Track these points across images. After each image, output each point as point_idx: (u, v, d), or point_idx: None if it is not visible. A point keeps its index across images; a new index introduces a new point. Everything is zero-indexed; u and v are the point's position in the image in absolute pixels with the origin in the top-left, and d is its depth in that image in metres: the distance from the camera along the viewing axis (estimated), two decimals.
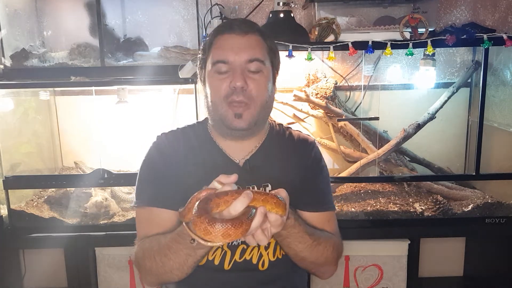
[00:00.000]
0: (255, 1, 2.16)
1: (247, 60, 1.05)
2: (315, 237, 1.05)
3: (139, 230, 1.14)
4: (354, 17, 2.09)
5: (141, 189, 1.14)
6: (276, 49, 1.14)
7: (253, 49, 1.06)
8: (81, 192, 2.00)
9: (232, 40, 1.06)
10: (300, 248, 1.03)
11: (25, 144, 2.14)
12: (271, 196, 0.85)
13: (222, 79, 1.06)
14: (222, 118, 1.08)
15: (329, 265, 1.13)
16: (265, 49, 1.10)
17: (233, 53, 1.05)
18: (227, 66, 1.05)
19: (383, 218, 1.93)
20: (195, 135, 1.19)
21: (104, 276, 2.05)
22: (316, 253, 1.06)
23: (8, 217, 1.91)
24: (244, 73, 1.05)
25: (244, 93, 1.05)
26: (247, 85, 1.04)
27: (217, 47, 1.07)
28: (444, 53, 2.23)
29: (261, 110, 1.09)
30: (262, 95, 1.08)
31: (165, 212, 1.10)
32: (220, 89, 1.06)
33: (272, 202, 0.84)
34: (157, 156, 1.14)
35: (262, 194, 0.84)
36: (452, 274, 2.44)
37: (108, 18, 2.13)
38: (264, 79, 1.08)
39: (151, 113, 2.18)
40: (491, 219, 1.90)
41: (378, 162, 2.05)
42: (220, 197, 0.83)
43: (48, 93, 2.15)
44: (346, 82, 2.25)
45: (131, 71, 1.94)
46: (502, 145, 2.10)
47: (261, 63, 1.07)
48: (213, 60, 1.07)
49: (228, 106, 1.06)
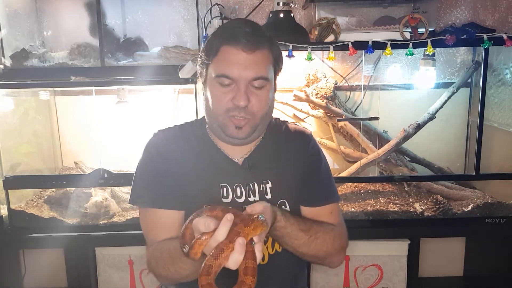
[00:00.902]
0: (255, 1, 2.16)
1: (252, 78, 1.03)
2: (312, 233, 1.05)
3: (147, 234, 1.14)
4: (354, 17, 2.09)
5: (141, 188, 1.14)
6: (280, 55, 1.12)
7: (259, 66, 1.03)
8: (81, 192, 2.00)
9: (238, 56, 1.02)
10: (297, 244, 1.04)
11: (25, 144, 2.14)
12: (257, 216, 0.85)
13: (225, 92, 1.04)
14: (222, 127, 1.08)
15: (332, 257, 1.12)
16: (270, 61, 1.07)
17: (239, 70, 1.02)
18: (230, 81, 1.03)
19: (383, 218, 1.93)
20: (194, 133, 1.18)
21: (104, 276, 2.05)
22: (314, 248, 1.06)
23: (8, 217, 1.91)
24: (247, 91, 1.03)
25: (245, 110, 1.04)
26: (249, 102, 1.04)
27: (222, 60, 1.04)
28: (444, 53, 2.23)
29: (261, 121, 1.09)
30: (263, 109, 1.07)
31: (170, 213, 1.10)
32: (222, 102, 1.05)
33: (259, 223, 0.84)
34: (155, 154, 1.13)
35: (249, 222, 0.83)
36: (452, 274, 2.44)
37: (108, 18, 2.13)
38: (266, 93, 1.07)
39: (151, 113, 2.18)
40: (491, 219, 1.90)
41: (378, 162, 2.05)
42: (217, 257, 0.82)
43: (48, 93, 2.16)
44: (346, 82, 2.25)
45: (131, 71, 1.94)
46: (502, 145, 2.10)
47: (265, 80, 1.05)
48: (217, 72, 1.04)
49: (229, 119, 1.05)
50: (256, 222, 0.84)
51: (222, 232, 0.81)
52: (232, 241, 0.81)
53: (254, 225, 0.84)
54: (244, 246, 0.80)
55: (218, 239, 0.81)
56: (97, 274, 2.06)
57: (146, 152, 1.15)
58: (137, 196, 1.14)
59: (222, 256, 0.81)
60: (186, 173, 1.12)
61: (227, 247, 0.81)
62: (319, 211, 1.15)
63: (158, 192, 1.11)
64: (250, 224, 0.83)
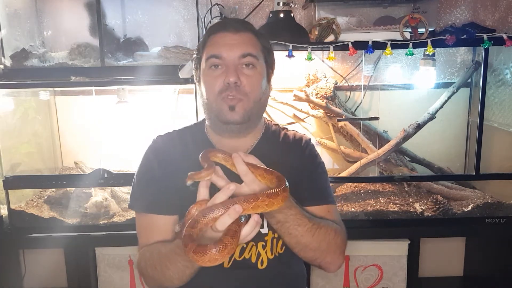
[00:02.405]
0: (255, 1, 2.16)
1: (240, 55, 1.07)
2: (315, 221, 1.05)
3: (140, 238, 1.17)
4: (354, 17, 2.09)
5: (139, 194, 1.16)
6: (270, 48, 1.16)
7: (246, 44, 1.09)
8: (81, 192, 2.00)
9: (225, 38, 1.08)
10: (300, 231, 1.02)
11: (25, 144, 2.14)
12: (262, 199, 0.84)
13: (216, 76, 1.08)
14: (217, 112, 1.10)
15: (333, 253, 1.09)
16: (259, 47, 1.12)
17: (226, 49, 1.07)
18: (220, 61, 1.08)
19: (383, 218, 1.93)
20: (192, 137, 1.20)
21: (104, 276, 2.05)
22: (317, 237, 1.04)
23: (8, 217, 1.91)
24: (237, 69, 1.07)
25: (237, 89, 1.07)
26: (240, 81, 1.07)
27: (211, 45, 1.10)
28: (444, 53, 2.23)
29: (254, 105, 1.10)
30: (255, 90, 1.10)
31: (164, 218, 1.12)
32: (214, 85, 1.08)
33: (263, 205, 0.84)
34: (153, 160, 1.16)
35: (251, 200, 0.83)
36: (452, 274, 2.44)
37: (108, 18, 2.13)
38: (258, 75, 1.10)
39: (151, 113, 2.18)
40: (491, 219, 1.90)
41: (378, 162, 2.05)
42: (206, 215, 0.83)
43: (48, 93, 2.16)
44: (346, 82, 2.25)
45: (131, 71, 1.94)
46: (502, 145, 2.10)
47: (254, 58, 1.09)
48: (207, 55, 1.10)
49: (222, 100, 1.08)
50: (270, 200, 0.85)
51: (220, 197, 0.84)
52: (226, 207, 0.82)
53: (268, 203, 0.85)
54: (238, 213, 0.81)
55: (216, 201, 0.84)
56: (97, 274, 2.05)
57: (144, 158, 1.18)
58: (134, 200, 1.17)
59: (211, 216, 0.82)
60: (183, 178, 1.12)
61: (218, 209, 0.82)
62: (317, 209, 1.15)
63: (153, 198, 1.13)
64: (262, 202, 0.84)
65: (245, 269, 1.12)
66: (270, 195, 0.85)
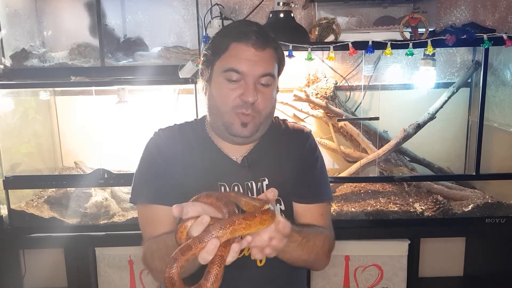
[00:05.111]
0: (255, 1, 2.16)
1: (261, 74, 1.06)
2: (304, 234, 1.04)
3: (144, 230, 1.15)
4: (354, 17, 2.09)
5: (141, 185, 1.15)
6: (283, 56, 1.15)
7: (267, 63, 1.07)
8: (81, 192, 2.00)
9: (248, 52, 1.05)
10: (292, 247, 1.01)
11: (25, 144, 2.14)
12: (238, 222, 0.81)
13: (232, 88, 1.06)
14: (227, 125, 1.09)
15: (321, 260, 1.12)
16: (276, 60, 1.10)
17: (248, 65, 1.04)
18: (240, 76, 1.05)
19: (383, 218, 1.93)
20: (193, 132, 1.19)
21: (104, 276, 2.05)
22: (307, 250, 1.04)
23: (8, 217, 1.91)
24: (255, 87, 1.06)
25: (252, 107, 1.06)
26: (256, 99, 1.05)
27: (232, 56, 1.06)
28: (444, 53, 2.23)
29: (265, 120, 1.11)
30: (268, 106, 1.09)
31: (167, 209, 1.09)
32: (229, 99, 1.06)
33: (240, 228, 0.81)
34: (155, 152, 1.15)
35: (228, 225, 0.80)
36: (452, 274, 2.44)
37: (108, 18, 2.13)
38: (271, 92, 1.10)
39: (151, 113, 2.18)
40: (491, 219, 1.90)
41: (378, 162, 2.05)
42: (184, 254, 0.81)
43: (48, 93, 2.16)
44: (346, 82, 2.25)
45: (131, 71, 1.94)
46: (502, 145, 2.10)
47: (272, 77, 1.08)
48: (226, 66, 1.06)
49: (236, 115, 1.07)
50: (261, 217, 0.83)
51: (194, 230, 0.81)
52: (201, 241, 0.79)
53: (260, 221, 0.83)
54: (216, 247, 0.79)
55: (192, 234, 0.81)
56: (97, 274, 2.05)
57: (146, 151, 1.17)
58: (136, 193, 1.15)
59: (190, 253, 0.80)
60: (185, 172, 1.12)
61: (195, 246, 0.80)
62: (311, 209, 1.15)
63: (156, 188, 1.12)
64: (252, 221, 0.82)
65: (245, 267, 1.11)
66: (247, 217, 0.82)
